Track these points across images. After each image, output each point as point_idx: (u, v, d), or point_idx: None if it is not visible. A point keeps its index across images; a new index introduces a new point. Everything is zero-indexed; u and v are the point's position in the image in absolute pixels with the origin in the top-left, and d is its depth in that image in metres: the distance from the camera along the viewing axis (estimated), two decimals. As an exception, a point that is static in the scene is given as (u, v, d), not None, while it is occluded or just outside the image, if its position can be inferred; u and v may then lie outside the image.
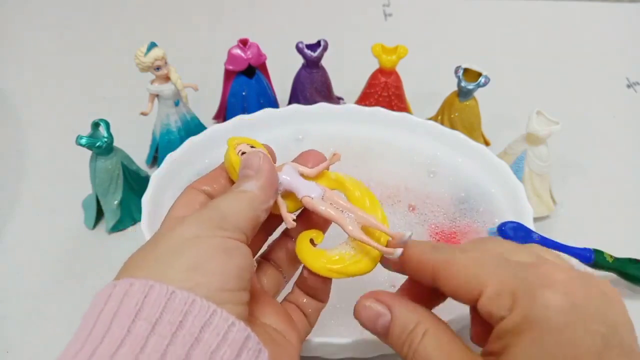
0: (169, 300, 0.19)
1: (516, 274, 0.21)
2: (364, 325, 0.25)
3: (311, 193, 0.26)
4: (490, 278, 0.21)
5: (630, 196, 0.48)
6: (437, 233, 0.39)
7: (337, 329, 0.33)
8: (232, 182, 0.27)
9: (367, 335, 0.30)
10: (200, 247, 0.21)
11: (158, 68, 0.42)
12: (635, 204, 0.47)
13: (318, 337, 0.30)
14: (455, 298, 0.23)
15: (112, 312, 0.19)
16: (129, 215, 0.43)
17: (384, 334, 0.24)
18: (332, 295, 0.35)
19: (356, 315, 0.25)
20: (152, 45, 0.41)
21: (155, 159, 0.49)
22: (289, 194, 0.27)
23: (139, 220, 0.38)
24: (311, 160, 0.28)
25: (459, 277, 0.22)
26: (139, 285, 0.19)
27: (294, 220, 0.26)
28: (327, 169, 0.29)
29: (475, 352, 0.22)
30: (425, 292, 0.26)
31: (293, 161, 0.28)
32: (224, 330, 0.19)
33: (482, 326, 0.23)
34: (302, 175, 0.27)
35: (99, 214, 0.43)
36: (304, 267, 0.27)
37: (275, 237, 0.30)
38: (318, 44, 0.48)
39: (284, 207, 0.27)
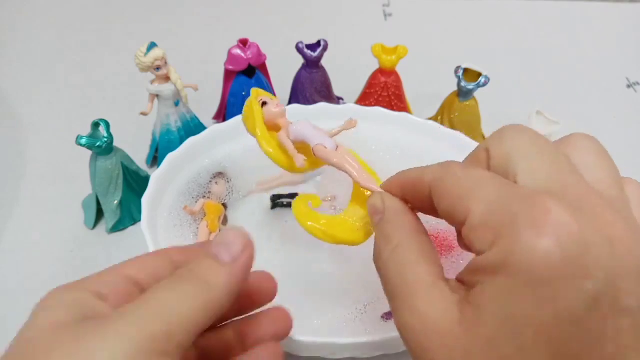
0: None
1: (506, 203, 0.17)
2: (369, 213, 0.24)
3: (325, 143, 0.27)
4: (477, 203, 0.18)
5: (630, 196, 0.48)
6: (437, 234, 0.39)
7: (337, 328, 0.33)
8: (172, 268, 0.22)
9: (368, 335, 0.31)
10: None
11: (158, 68, 0.42)
12: (635, 204, 0.47)
13: (318, 337, 0.30)
14: (446, 220, 0.20)
15: None
16: (129, 215, 0.43)
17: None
18: (332, 295, 0.35)
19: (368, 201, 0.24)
20: (152, 45, 0.41)
21: (155, 159, 0.49)
22: (301, 146, 0.28)
23: (139, 220, 0.38)
24: None
25: (448, 197, 0.19)
26: None
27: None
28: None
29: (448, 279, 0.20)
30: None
31: None
32: None
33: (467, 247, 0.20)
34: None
35: (99, 214, 0.43)
36: None
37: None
38: (318, 44, 0.48)
39: (291, 146, 0.28)
